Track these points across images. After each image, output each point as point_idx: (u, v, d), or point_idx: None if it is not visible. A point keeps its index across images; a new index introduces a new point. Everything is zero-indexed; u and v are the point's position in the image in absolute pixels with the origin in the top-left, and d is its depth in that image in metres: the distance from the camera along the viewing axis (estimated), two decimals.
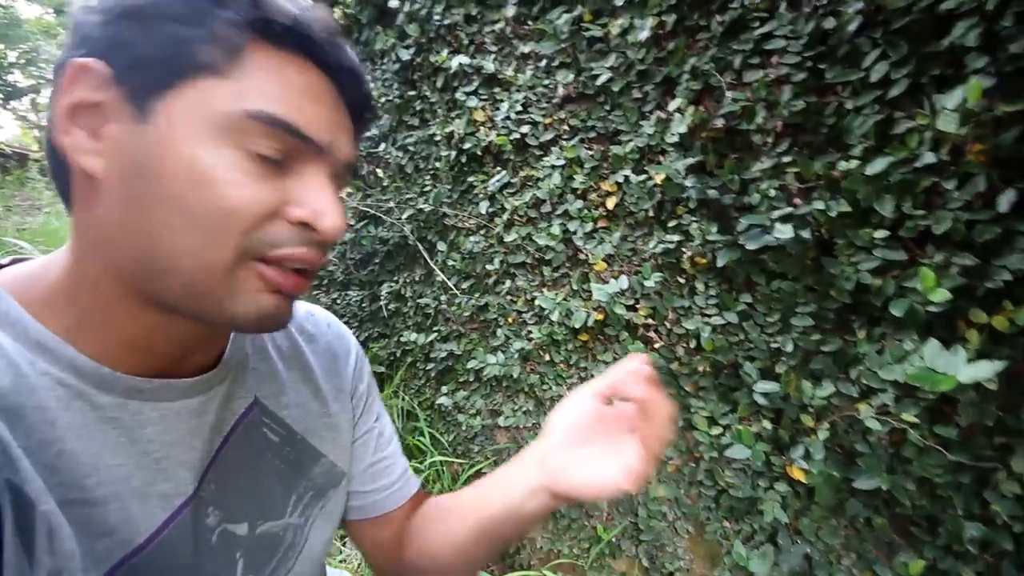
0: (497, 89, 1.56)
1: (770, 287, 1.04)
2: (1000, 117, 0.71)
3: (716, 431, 1.19)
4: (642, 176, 1.23)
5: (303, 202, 0.36)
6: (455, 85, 1.67)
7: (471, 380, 1.81)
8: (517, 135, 1.49)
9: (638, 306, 1.31)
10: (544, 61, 1.42)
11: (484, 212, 1.64)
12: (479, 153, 1.62)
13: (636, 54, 1.19)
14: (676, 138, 1.12)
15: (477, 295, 1.73)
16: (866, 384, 0.93)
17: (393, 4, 1.76)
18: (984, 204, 0.77)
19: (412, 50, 1.78)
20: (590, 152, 1.36)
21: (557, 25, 1.33)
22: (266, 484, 0.46)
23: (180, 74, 0.32)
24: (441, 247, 1.82)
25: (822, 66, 0.90)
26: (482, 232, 1.69)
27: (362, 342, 2.25)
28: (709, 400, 1.22)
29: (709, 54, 1.05)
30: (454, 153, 1.68)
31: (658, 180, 1.17)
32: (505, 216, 1.57)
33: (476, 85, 1.61)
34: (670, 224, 1.20)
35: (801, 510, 1.11)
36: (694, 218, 1.15)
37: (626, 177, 1.27)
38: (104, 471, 0.35)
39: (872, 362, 0.91)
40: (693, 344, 1.23)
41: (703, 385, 1.23)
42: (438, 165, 1.79)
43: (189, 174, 0.32)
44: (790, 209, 0.94)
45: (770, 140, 1.00)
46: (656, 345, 1.31)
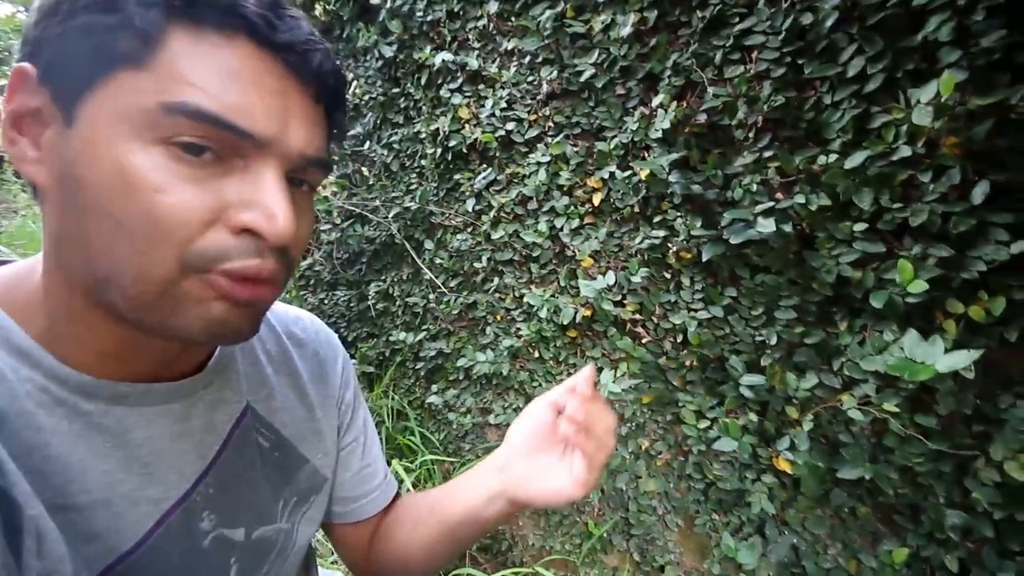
0: (481, 86, 1.56)
1: (754, 281, 1.05)
2: (973, 110, 0.73)
3: (704, 424, 1.21)
4: (627, 172, 1.23)
5: (245, 204, 0.32)
6: (439, 82, 1.66)
7: (461, 378, 1.81)
8: (502, 132, 1.49)
9: (625, 301, 1.31)
10: (528, 57, 1.42)
11: (471, 210, 1.64)
12: (465, 150, 1.61)
13: (619, 50, 1.19)
14: (660, 134, 1.12)
15: (465, 293, 1.73)
16: (848, 375, 0.95)
17: (375, 1, 1.74)
18: (959, 196, 0.78)
19: (395, 47, 1.77)
20: (575, 148, 1.36)
21: (540, 21, 1.32)
22: (259, 489, 0.46)
23: (100, 69, 0.30)
24: (428, 245, 1.82)
25: (800, 61, 0.90)
26: (469, 230, 1.69)
27: (351, 342, 2.24)
28: (696, 394, 1.23)
29: (690, 50, 1.06)
30: (439, 151, 1.67)
31: (643, 176, 1.18)
32: (492, 213, 1.57)
33: (460, 82, 1.60)
34: (655, 219, 1.21)
35: (788, 501, 1.12)
36: (679, 213, 1.16)
37: (611, 173, 1.27)
38: (90, 477, 0.34)
39: (854, 353, 0.92)
40: (680, 339, 1.23)
41: (690, 379, 1.24)
42: (424, 163, 1.78)
43: (113, 180, 0.29)
44: (772, 203, 0.95)
45: (751, 135, 1.01)
46: (644, 340, 1.32)
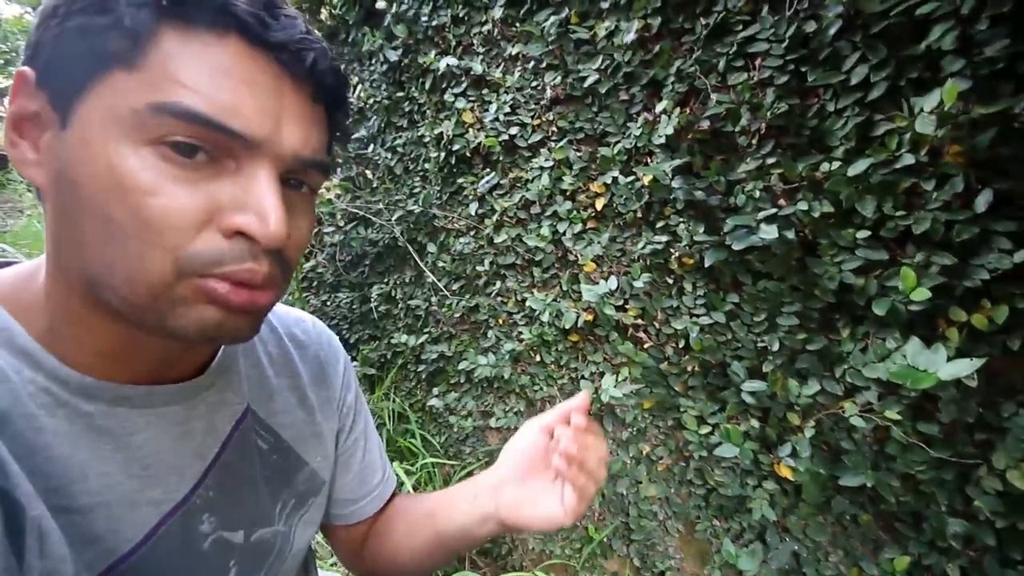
0: (485, 90, 1.56)
1: (756, 287, 1.05)
2: (976, 119, 0.73)
3: (705, 430, 1.20)
4: (630, 177, 1.23)
5: (237, 206, 0.32)
6: (443, 86, 1.67)
7: (462, 381, 1.81)
8: (506, 136, 1.49)
9: (627, 306, 1.31)
10: (532, 63, 1.42)
11: (474, 213, 1.64)
12: (468, 154, 1.62)
13: (622, 56, 1.19)
14: (663, 140, 1.13)
15: (467, 296, 1.73)
16: (850, 382, 0.95)
17: (380, 5, 1.75)
18: (962, 204, 0.78)
19: (400, 51, 1.78)
20: (578, 153, 1.37)
21: (544, 27, 1.33)
22: (258, 491, 0.46)
23: (93, 71, 0.30)
24: (431, 248, 1.82)
25: (804, 69, 0.91)
26: (472, 233, 1.69)
27: (353, 344, 2.24)
28: (698, 399, 1.23)
29: (694, 57, 1.06)
30: (443, 154, 1.68)
31: (646, 181, 1.18)
32: (495, 217, 1.57)
33: (464, 86, 1.61)
34: (658, 225, 1.21)
35: (789, 507, 1.12)
36: (681, 219, 1.16)
37: (614, 178, 1.27)
38: (92, 479, 0.35)
39: (856, 360, 0.92)
40: (682, 344, 1.24)
41: (692, 385, 1.24)
42: (427, 166, 1.78)
43: (104, 181, 0.30)
44: (775, 210, 0.95)
45: (754, 142, 1.01)
46: (646, 345, 1.32)
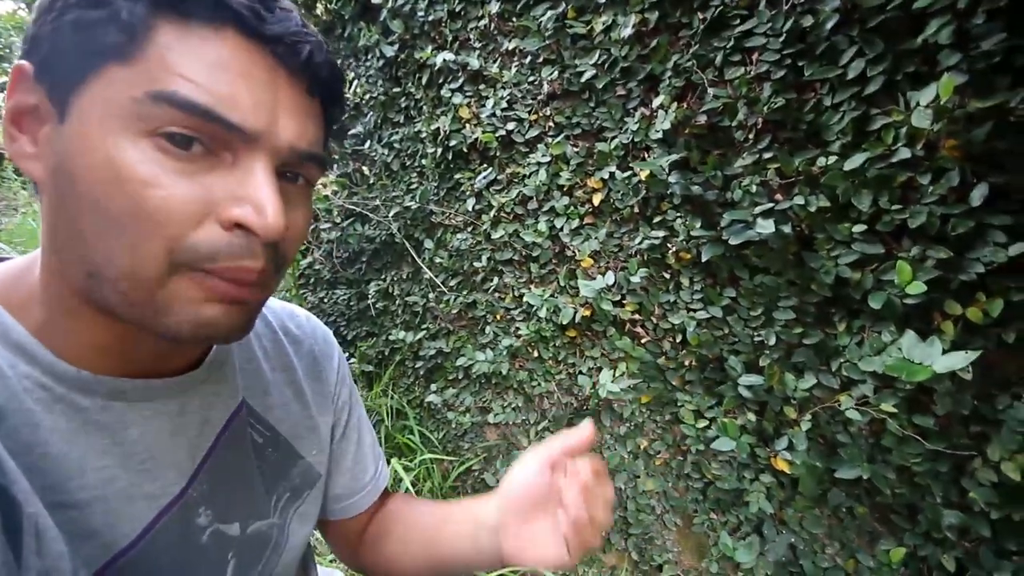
0: (482, 86, 1.56)
1: (753, 281, 1.05)
2: (972, 113, 0.73)
3: (702, 424, 1.21)
4: (627, 173, 1.23)
5: (235, 199, 0.32)
6: (440, 82, 1.66)
7: (460, 377, 1.81)
8: (503, 132, 1.49)
9: (624, 302, 1.32)
10: (529, 58, 1.42)
11: (471, 209, 1.64)
12: (465, 150, 1.62)
13: (620, 51, 1.19)
14: (660, 135, 1.13)
15: (465, 292, 1.73)
16: (847, 376, 0.95)
17: (376, 0, 1.74)
18: (958, 198, 0.78)
19: (396, 47, 1.77)
20: (575, 149, 1.36)
21: (541, 22, 1.33)
22: (252, 484, 0.46)
23: (90, 64, 0.30)
24: (428, 245, 1.82)
25: (801, 63, 0.91)
26: (469, 229, 1.69)
27: (350, 341, 2.24)
28: (695, 394, 1.24)
29: (691, 51, 1.06)
30: (440, 150, 1.67)
31: (643, 176, 1.18)
32: (492, 213, 1.57)
33: (461, 82, 1.60)
34: (655, 220, 1.21)
35: (785, 500, 1.13)
36: (678, 214, 1.16)
37: (611, 174, 1.27)
38: (88, 474, 0.34)
39: (852, 354, 0.93)
40: (679, 339, 1.24)
41: (689, 379, 1.25)
42: (424, 162, 1.78)
43: (102, 173, 0.30)
44: (771, 204, 0.95)
45: (751, 137, 1.01)
46: (643, 340, 1.32)
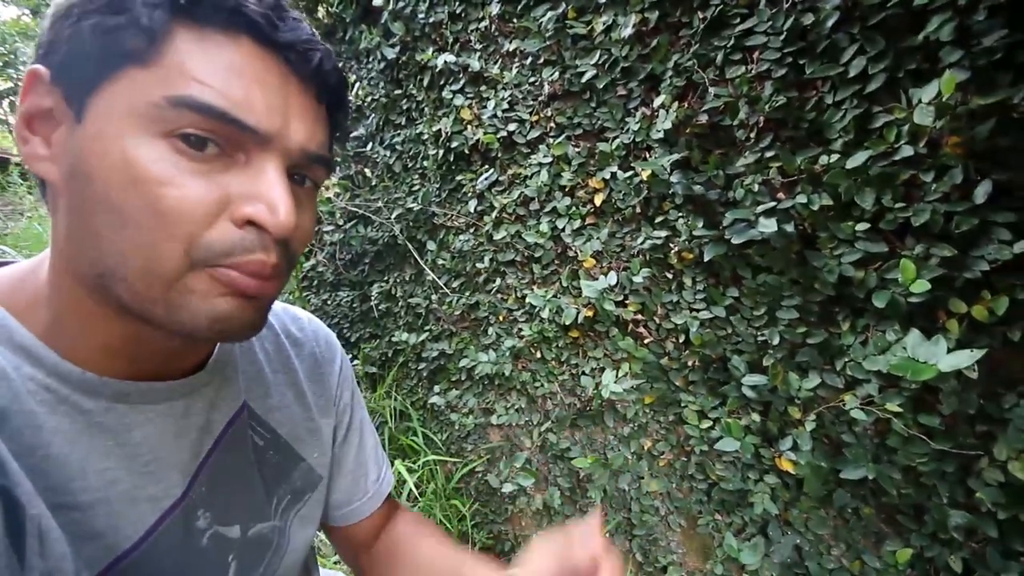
0: (483, 87, 1.56)
1: (756, 281, 1.05)
2: (975, 110, 0.72)
3: (706, 425, 1.21)
4: (629, 173, 1.23)
5: (248, 197, 0.33)
6: (441, 83, 1.66)
7: (463, 379, 1.81)
8: (504, 133, 1.49)
9: (627, 302, 1.31)
10: (529, 59, 1.42)
11: (473, 210, 1.64)
12: (467, 151, 1.62)
13: (620, 51, 1.19)
14: (661, 134, 1.13)
15: (467, 294, 1.73)
16: (851, 375, 0.95)
17: (377, 2, 1.75)
18: (961, 196, 0.78)
19: (397, 49, 1.77)
20: (577, 149, 1.36)
21: (541, 22, 1.33)
22: (253, 487, 0.46)
23: (108, 67, 0.31)
24: (431, 246, 1.82)
25: (802, 61, 0.90)
26: (471, 230, 1.69)
27: (353, 343, 2.24)
28: (699, 394, 1.23)
29: (692, 51, 1.06)
30: (442, 152, 1.67)
31: (644, 176, 1.18)
32: (494, 214, 1.57)
33: (462, 83, 1.61)
34: (657, 220, 1.21)
35: (790, 501, 1.12)
36: (680, 214, 1.16)
37: (613, 174, 1.27)
38: (91, 476, 0.35)
39: (856, 353, 0.92)
40: (682, 339, 1.23)
41: (692, 379, 1.24)
42: (426, 164, 1.78)
43: (119, 173, 0.31)
44: (773, 203, 0.95)
45: (753, 135, 1.01)
46: (646, 340, 1.32)
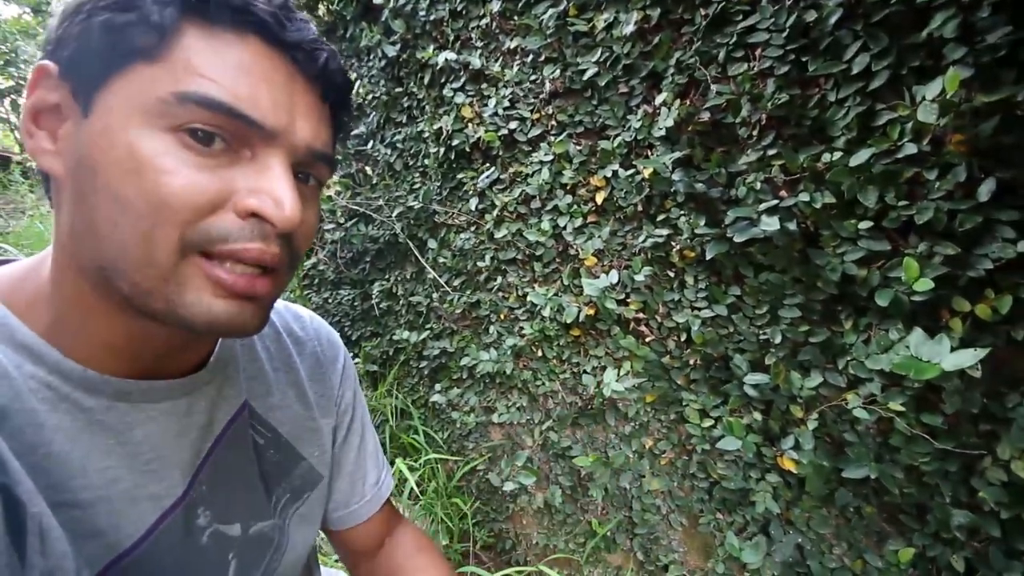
0: (484, 85, 1.56)
1: (758, 279, 1.05)
2: (979, 107, 0.72)
3: (707, 423, 1.20)
4: (630, 171, 1.23)
5: (252, 191, 0.33)
6: (442, 81, 1.66)
7: (464, 377, 1.81)
8: (505, 131, 1.49)
9: (629, 300, 1.31)
10: (530, 56, 1.42)
11: (474, 209, 1.64)
12: (468, 149, 1.61)
13: (622, 48, 1.19)
14: (663, 132, 1.12)
15: (469, 292, 1.73)
16: (853, 374, 0.94)
17: (378, 0, 1.74)
18: (965, 194, 0.77)
19: (398, 47, 1.77)
20: (578, 147, 1.36)
21: (543, 20, 1.32)
22: (252, 485, 0.46)
23: (116, 63, 0.32)
24: (432, 244, 1.82)
25: (804, 59, 0.90)
26: (472, 229, 1.69)
27: (355, 341, 2.24)
28: (700, 393, 1.23)
29: (694, 48, 1.05)
30: (443, 150, 1.67)
31: (646, 174, 1.17)
32: (495, 212, 1.57)
33: (463, 81, 1.60)
34: (659, 218, 1.21)
35: (792, 500, 1.12)
36: (682, 212, 1.15)
37: (614, 172, 1.27)
38: (92, 474, 0.35)
39: (859, 352, 0.92)
40: (683, 337, 1.23)
41: (694, 378, 1.24)
42: (427, 162, 1.78)
43: (123, 164, 0.31)
44: (776, 201, 0.95)
45: (755, 133, 1.01)
46: (647, 339, 1.32)
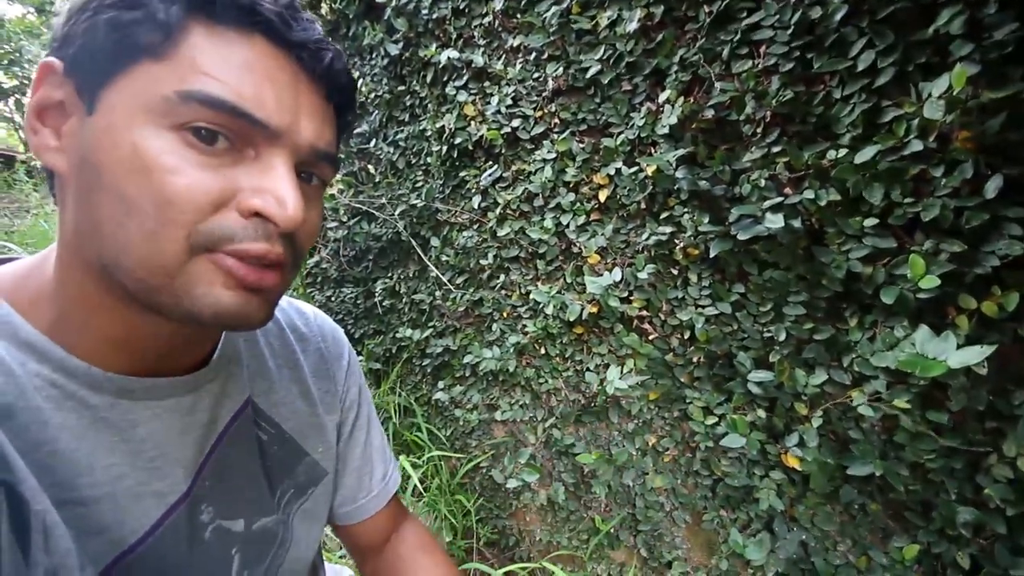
0: (487, 83, 1.55)
1: (762, 277, 1.04)
2: (985, 104, 0.72)
3: (711, 421, 1.20)
4: (633, 168, 1.23)
5: (256, 191, 0.33)
6: (445, 79, 1.66)
7: (467, 375, 1.82)
8: (508, 129, 1.48)
9: (632, 298, 1.31)
10: (533, 54, 1.41)
11: (477, 207, 1.64)
12: (470, 148, 1.61)
13: (625, 46, 1.18)
14: (666, 130, 1.12)
15: (471, 290, 1.73)
16: (858, 371, 0.94)
17: None
18: (971, 191, 0.77)
19: (401, 45, 1.77)
20: (581, 145, 1.36)
21: (546, 18, 1.32)
22: (256, 481, 0.47)
23: (121, 61, 0.32)
24: (434, 242, 1.82)
25: (809, 55, 0.89)
26: (475, 227, 1.69)
27: (358, 339, 2.25)
28: (704, 390, 1.23)
29: (697, 45, 1.05)
30: (445, 148, 1.67)
31: (649, 172, 1.17)
32: (498, 210, 1.57)
33: (466, 79, 1.60)
34: (662, 216, 1.20)
35: (796, 497, 1.12)
36: (686, 209, 1.15)
37: (617, 169, 1.26)
38: (97, 471, 0.35)
39: (864, 349, 0.92)
40: (687, 335, 1.23)
41: (698, 375, 1.24)
42: (430, 160, 1.78)
43: (127, 162, 0.31)
44: (780, 199, 0.94)
45: (759, 130, 1.00)
46: (651, 337, 1.32)
